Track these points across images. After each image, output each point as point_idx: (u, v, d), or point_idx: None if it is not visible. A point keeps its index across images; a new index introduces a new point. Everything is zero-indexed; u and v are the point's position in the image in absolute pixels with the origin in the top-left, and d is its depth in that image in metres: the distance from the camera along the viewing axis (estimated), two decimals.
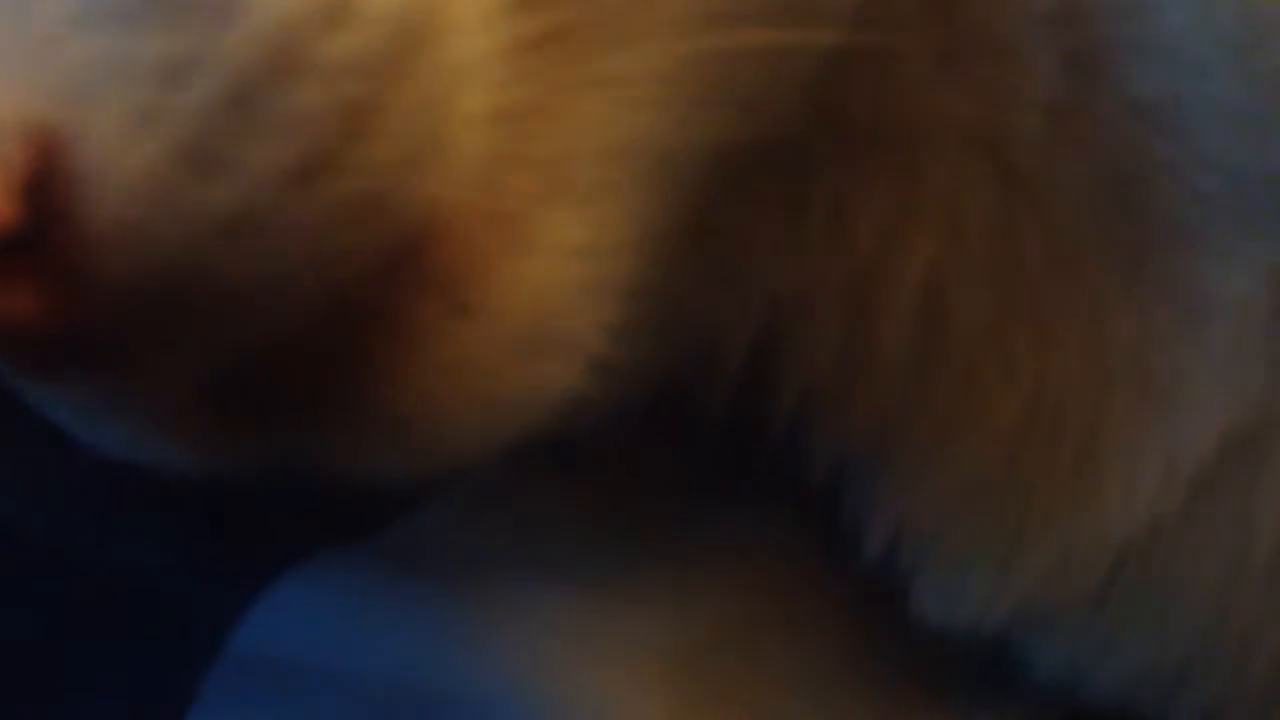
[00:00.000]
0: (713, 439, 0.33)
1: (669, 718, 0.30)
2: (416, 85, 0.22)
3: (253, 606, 0.32)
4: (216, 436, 0.24)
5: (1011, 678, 0.32)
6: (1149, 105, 0.27)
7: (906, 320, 0.30)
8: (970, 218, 0.29)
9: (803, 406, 0.32)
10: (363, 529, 0.33)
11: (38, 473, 0.30)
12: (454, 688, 0.30)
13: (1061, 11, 0.28)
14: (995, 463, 0.29)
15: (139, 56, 0.21)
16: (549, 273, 0.24)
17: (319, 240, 0.21)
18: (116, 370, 0.22)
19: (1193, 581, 0.29)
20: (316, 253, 0.21)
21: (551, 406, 0.24)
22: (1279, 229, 0.27)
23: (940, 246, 0.29)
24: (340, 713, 0.31)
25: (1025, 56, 0.28)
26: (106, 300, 0.21)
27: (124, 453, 0.25)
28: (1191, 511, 0.28)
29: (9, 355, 0.22)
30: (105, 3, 0.21)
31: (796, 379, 0.31)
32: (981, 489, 0.30)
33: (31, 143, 0.21)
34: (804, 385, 0.31)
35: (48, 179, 0.21)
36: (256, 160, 0.21)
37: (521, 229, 0.23)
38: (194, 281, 0.21)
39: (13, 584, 0.32)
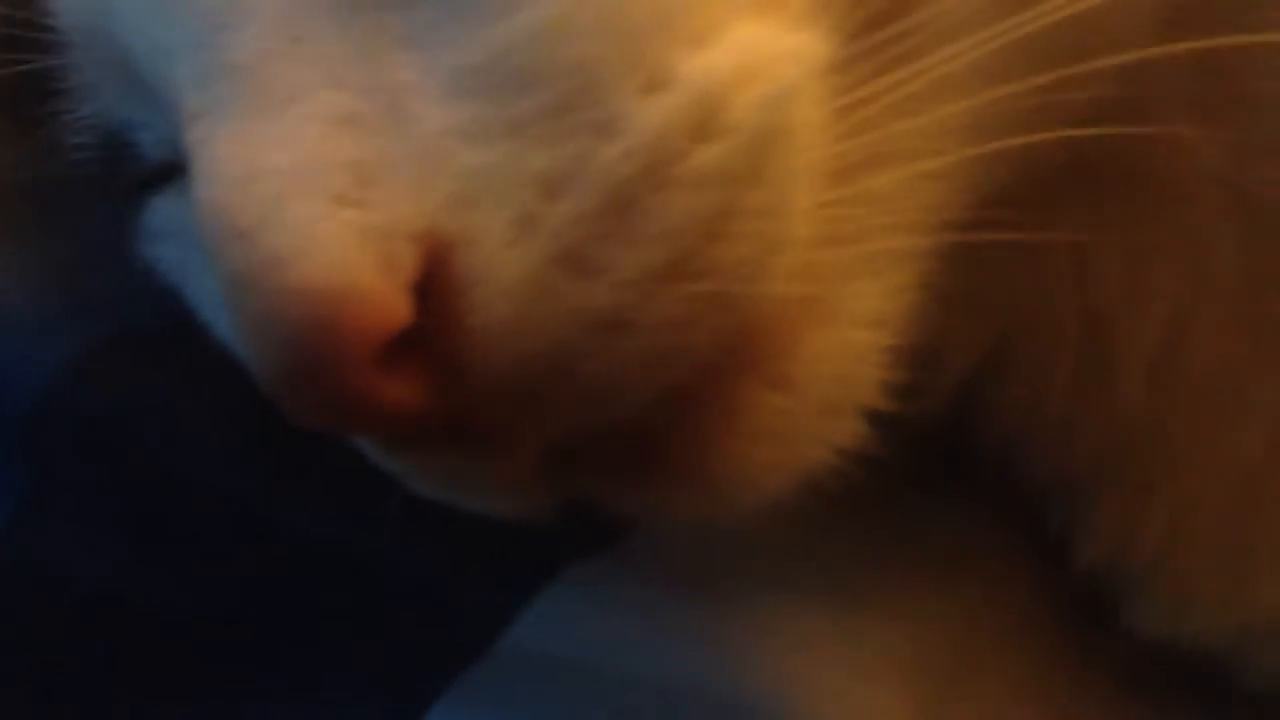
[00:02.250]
0: (933, 453, 0.35)
1: (913, 718, 0.33)
2: (767, 187, 0.23)
3: (509, 610, 0.35)
4: (547, 493, 0.26)
5: (1218, 682, 0.34)
6: None
7: (1145, 357, 0.31)
8: (1216, 264, 0.31)
9: (1025, 427, 0.34)
10: (607, 539, 0.35)
11: (340, 490, 0.32)
12: (713, 691, 0.33)
13: None
14: (1231, 492, 0.31)
15: (522, 168, 0.23)
16: (850, 344, 0.26)
17: (673, 336, 0.23)
18: (479, 446, 0.25)
19: None
20: (669, 346, 0.23)
21: (839, 459, 0.27)
22: None
23: (1185, 289, 0.31)
24: (601, 710, 0.33)
25: (1274, 114, 0.29)
26: (482, 390, 0.23)
27: (453, 502, 0.28)
28: None
29: (386, 434, 0.25)
30: (491, 118, 0.23)
31: (1022, 402, 0.33)
32: (1215, 515, 0.32)
33: (422, 246, 0.23)
34: (1030, 408, 0.33)
35: (436, 279, 0.23)
36: (627, 265, 0.23)
37: (829, 305, 0.25)
38: (561, 373, 0.23)
39: (312, 583, 0.35)
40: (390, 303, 0.23)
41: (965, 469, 0.35)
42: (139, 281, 0.33)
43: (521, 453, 0.25)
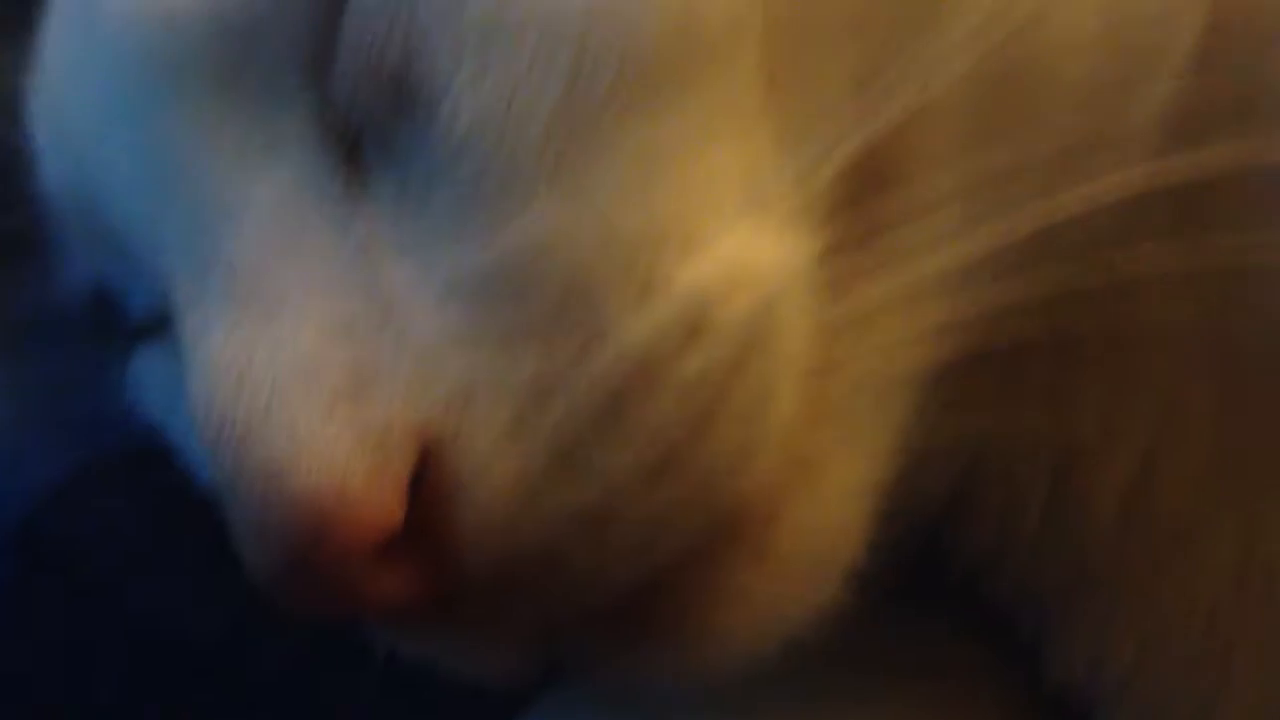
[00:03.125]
0: (908, 571, 0.35)
1: None
2: (750, 385, 0.24)
3: None
4: (531, 661, 0.27)
5: None
6: None
7: (1117, 493, 0.32)
8: (1191, 408, 0.31)
9: (998, 553, 0.34)
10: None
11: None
12: None
13: None
14: (1199, 620, 0.32)
15: (515, 373, 0.23)
16: (834, 516, 0.27)
17: (660, 527, 0.24)
18: (466, 629, 0.25)
19: None
20: (657, 536, 0.24)
21: (819, 616, 0.28)
22: None
23: (1159, 430, 0.32)
24: None
25: (1259, 277, 0.30)
26: (472, 581, 0.24)
27: (443, 670, 0.28)
28: None
29: (379, 619, 0.25)
30: (485, 324, 0.24)
31: (995, 531, 0.34)
32: (1184, 641, 0.32)
33: (416, 446, 0.23)
34: (1003, 536, 0.34)
35: (429, 478, 0.24)
36: (615, 465, 0.23)
37: (812, 480, 0.26)
38: (550, 565, 0.24)
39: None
40: (385, 506, 0.23)
41: (939, 585, 0.36)
42: (110, 410, 0.34)
43: (509, 629, 0.26)
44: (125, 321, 0.30)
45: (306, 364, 0.23)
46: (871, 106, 0.24)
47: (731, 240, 0.24)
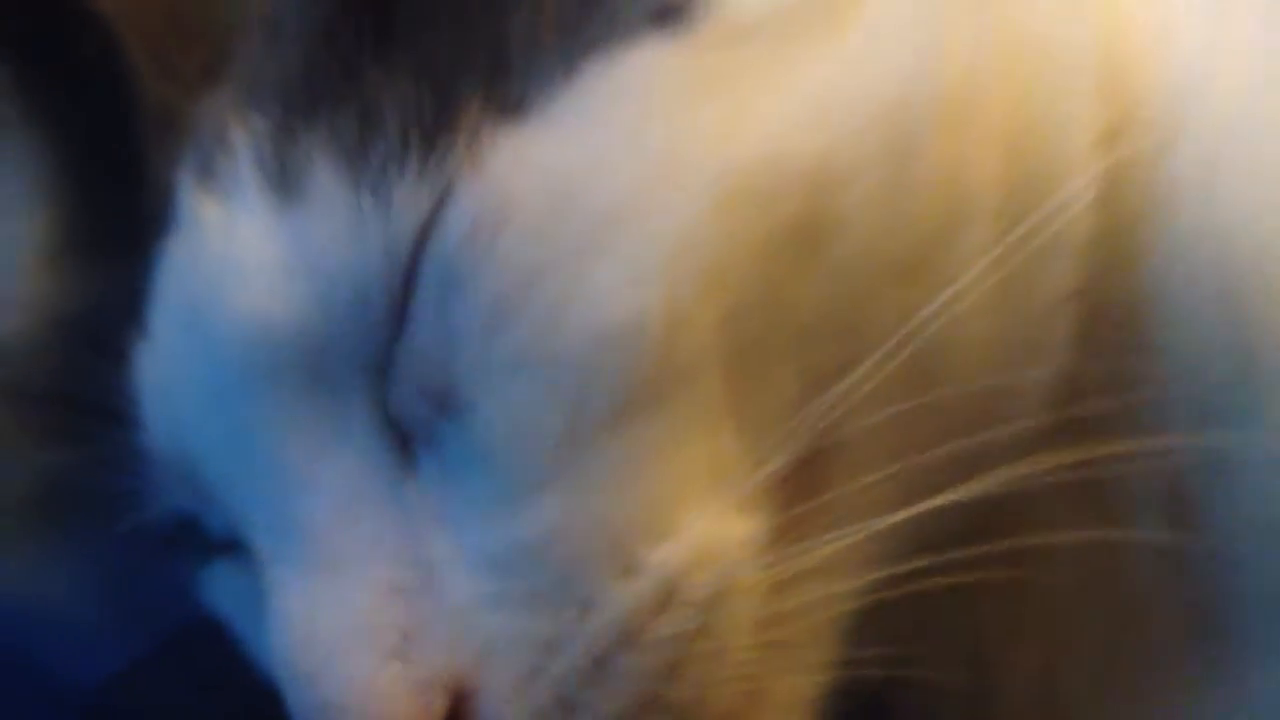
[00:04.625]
0: None
1: None
2: (712, 640, 0.31)
3: None
4: None
5: None
6: (1233, 545, 0.36)
7: (1021, 693, 0.39)
8: (1081, 633, 0.38)
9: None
10: None
11: None
12: None
13: (1165, 469, 0.36)
14: None
15: (530, 633, 0.30)
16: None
17: None
18: None
19: None
20: None
21: None
22: None
23: (1053, 650, 0.38)
24: None
25: (1139, 503, 0.36)
26: None
27: None
28: None
29: None
30: (507, 591, 0.30)
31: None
32: None
33: (451, 693, 0.30)
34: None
35: (460, 716, 0.30)
36: (605, 705, 0.30)
37: (764, 697, 0.32)
38: None
39: None
40: None
41: None
42: (172, 599, 0.40)
43: None
44: (202, 540, 0.37)
45: (363, 622, 0.30)
46: (808, 421, 0.31)
47: (697, 524, 0.31)
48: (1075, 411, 0.34)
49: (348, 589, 0.30)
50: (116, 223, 0.42)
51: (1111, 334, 0.34)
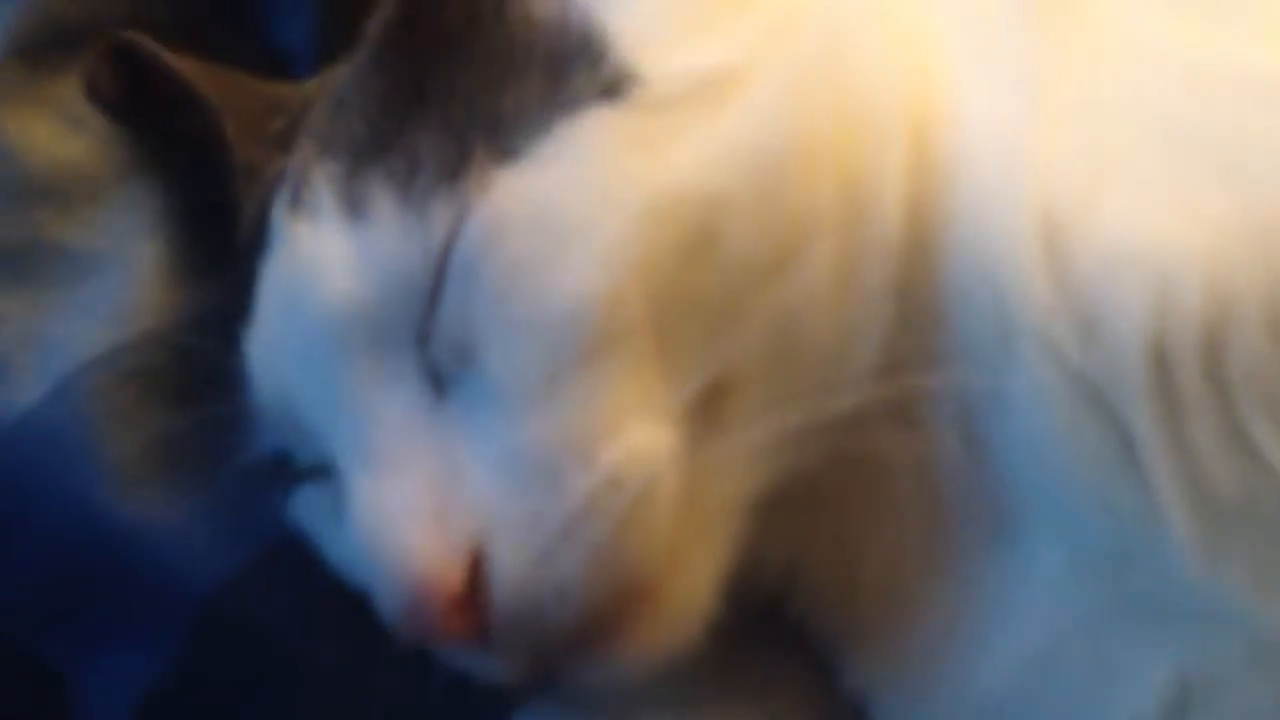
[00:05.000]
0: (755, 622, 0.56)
1: None
2: (644, 516, 0.45)
3: None
4: (525, 671, 0.48)
5: None
6: (1005, 454, 0.50)
7: (875, 568, 0.53)
8: (911, 522, 0.52)
9: (811, 608, 0.55)
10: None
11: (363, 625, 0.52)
12: None
13: (958, 400, 0.51)
14: (910, 640, 0.52)
15: (525, 510, 0.44)
16: (692, 586, 0.48)
17: (594, 592, 0.45)
18: (491, 648, 0.46)
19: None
20: (595, 596, 0.45)
21: (687, 645, 0.48)
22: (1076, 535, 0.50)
23: (892, 539, 0.52)
24: None
25: (944, 424, 0.50)
26: (495, 625, 0.45)
27: (468, 671, 0.49)
28: (1025, 683, 0.51)
29: (444, 643, 0.46)
30: (510, 482, 0.44)
31: (809, 592, 0.55)
32: (899, 653, 0.53)
33: (472, 550, 0.45)
34: (812, 596, 0.55)
35: (478, 567, 0.45)
36: (572, 562, 0.44)
37: (680, 565, 0.47)
38: (533, 619, 0.45)
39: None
40: (455, 583, 0.45)
41: (775, 629, 0.56)
42: (267, 521, 0.54)
43: (513, 651, 0.47)
44: (292, 472, 0.51)
45: (411, 506, 0.45)
46: (709, 365, 0.46)
47: (633, 434, 0.45)
48: (897, 358, 0.49)
49: (401, 484, 0.45)
50: (218, 248, 0.57)
51: (919, 308, 0.49)
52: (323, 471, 0.50)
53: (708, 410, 0.47)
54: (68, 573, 0.57)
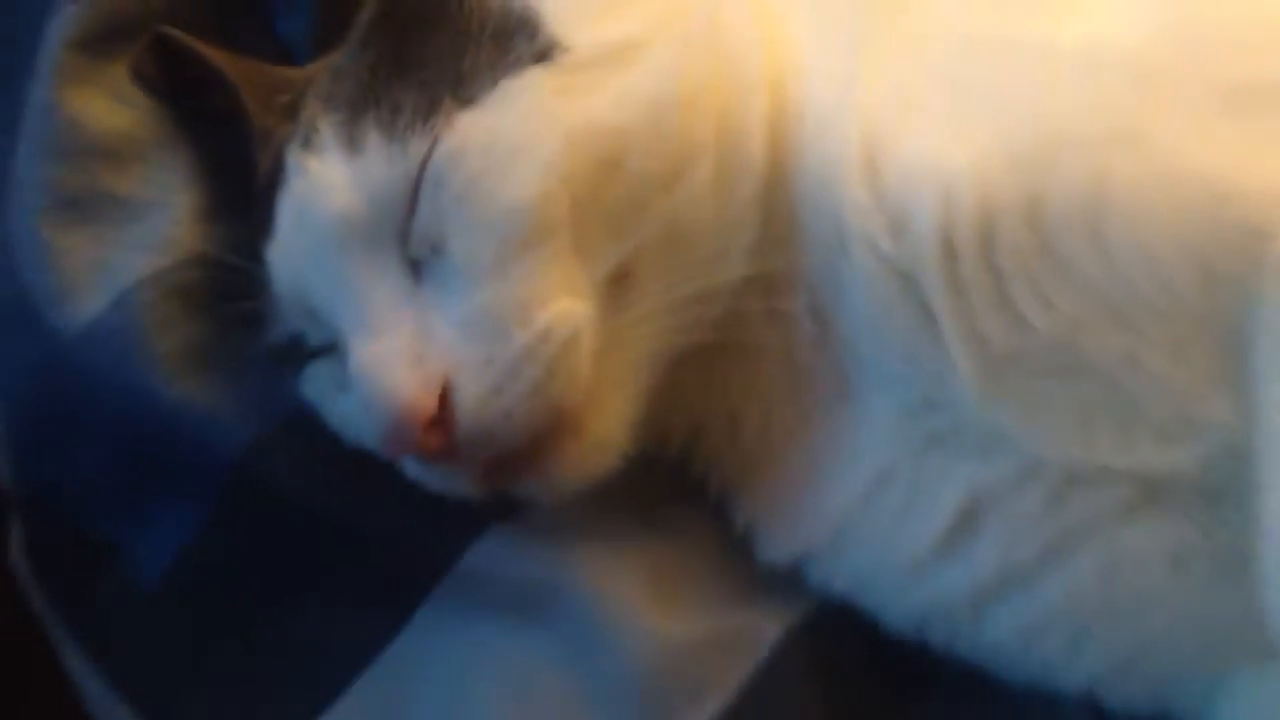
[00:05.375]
0: (666, 471, 0.71)
1: (644, 587, 0.66)
2: (569, 362, 0.60)
3: (460, 545, 0.67)
4: (484, 485, 0.63)
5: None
6: (846, 324, 0.65)
7: (754, 427, 0.68)
8: (779, 388, 0.67)
9: (709, 457, 0.70)
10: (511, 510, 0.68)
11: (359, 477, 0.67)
12: (563, 581, 0.67)
13: (809, 283, 0.66)
14: (780, 481, 0.67)
15: (481, 355, 0.60)
16: (610, 422, 0.63)
17: (530, 419, 0.60)
18: (457, 463, 0.61)
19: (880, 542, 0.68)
20: (529, 425, 0.60)
21: (608, 471, 0.64)
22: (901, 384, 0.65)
23: (765, 403, 0.68)
24: (511, 608, 0.68)
25: (801, 301, 0.66)
26: (460, 441, 0.60)
27: (437, 487, 0.63)
28: (864, 504, 0.66)
29: (420, 456, 0.61)
30: (470, 337, 0.60)
31: (708, 444, 0.70)
32: (773, 492, 0.68)
33: (441, 384, 0.60)
34: (711, 447, 0.70)
35: (445, 402, 0.60)
36: (515, 394, 0.60)
37: (598, 403, 0.62)
38: (487, 437, 0.60)
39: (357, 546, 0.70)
40: (428, 409, 0.60)
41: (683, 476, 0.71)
42: (283, 394, 0.69)
43: (473, 464, 0.61)
44: (303, 352, 0.66)
45: (396, 355, 0.60)
46: (617, 253, 0.61)
47: (562, 301, 0.61)
48: (762, 251, 0.64)
49: (388, 342, 0.61)
50: (240, 196, 0.72)
51: (778, 213, 0.64)
52: (327, 350, 0.66)
53: (617, 288, 0.62)
54: (124, 452, 0.71)
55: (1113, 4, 0.62)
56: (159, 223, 0.73)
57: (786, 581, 0.68)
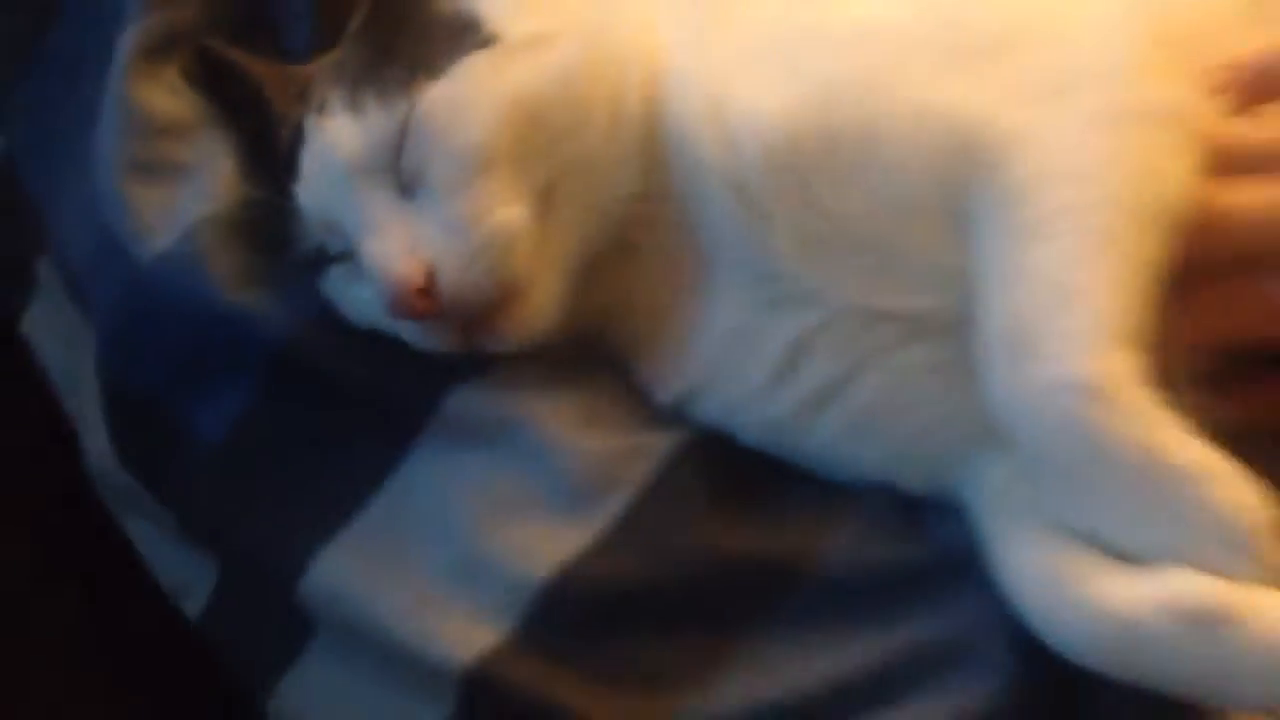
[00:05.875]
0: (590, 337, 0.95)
1: (576, 417, 0.85)
2: (513, 254, 0.88)
3: (446, 397, 0.86)
4: (459, 340, 0.90)
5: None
6: (708, 226, 0.92)
7: (644, 304, 0.94)
8: (661, 275, 0.94)
9: (616, 328, 0.96)
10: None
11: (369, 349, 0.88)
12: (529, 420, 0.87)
13: (679, 196, 0.93)
14: (666, 344, 0.93)
15: (455, 248, 0.87)
16: (546, 296, 0.90)
17: (487, 291, 0.88)
18: (441, 321, 0.89)
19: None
20: (487, 294, 0.88)
21: (546, 331, 0.91)
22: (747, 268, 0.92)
23: (654, 287, 0.94)
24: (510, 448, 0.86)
25: (673, 207, 0.92)
26: (443, 305, 0.88)
27: (420, 343, 0.91)
28: (724, 354, 0.93)
29: (409, 318, 0.89)
30: (447, 236, 0.89)
31: (616, 321, 0.96)
32: (662, 353, 0.94)
33: (428, 267, 0.88)
34: (617, 323, 0.95)
35: (431, 278, 0.88)
36: (478, 271, 0.88)
37: (537, 280, 0.90)
38: (463, 302, 0.88)
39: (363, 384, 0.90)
40: (420, 283, 0.87)
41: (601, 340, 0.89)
42: (316, 295, 0.89)
43: (451, 323, 0.89)
44: (326, 259, 0.93)
45: (396, 247, 0.87)
46: (545, 179, 0.89)
47: (505, 211, 0.88)
48: (647, 179, 0.91)
49: (388, 240, 0.86)
50: (268, 163, 0.99)
51: (654, 153, 0.87)
52: (343, 257, 0.92)
53: (545, 201, 0.84)
54: (189, 347, 0.95)
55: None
56: (208, 180, 0.93)
57: (676, 414, 0.89)
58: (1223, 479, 0.67)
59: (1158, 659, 0.68)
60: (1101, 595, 0.69)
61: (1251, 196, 0.75)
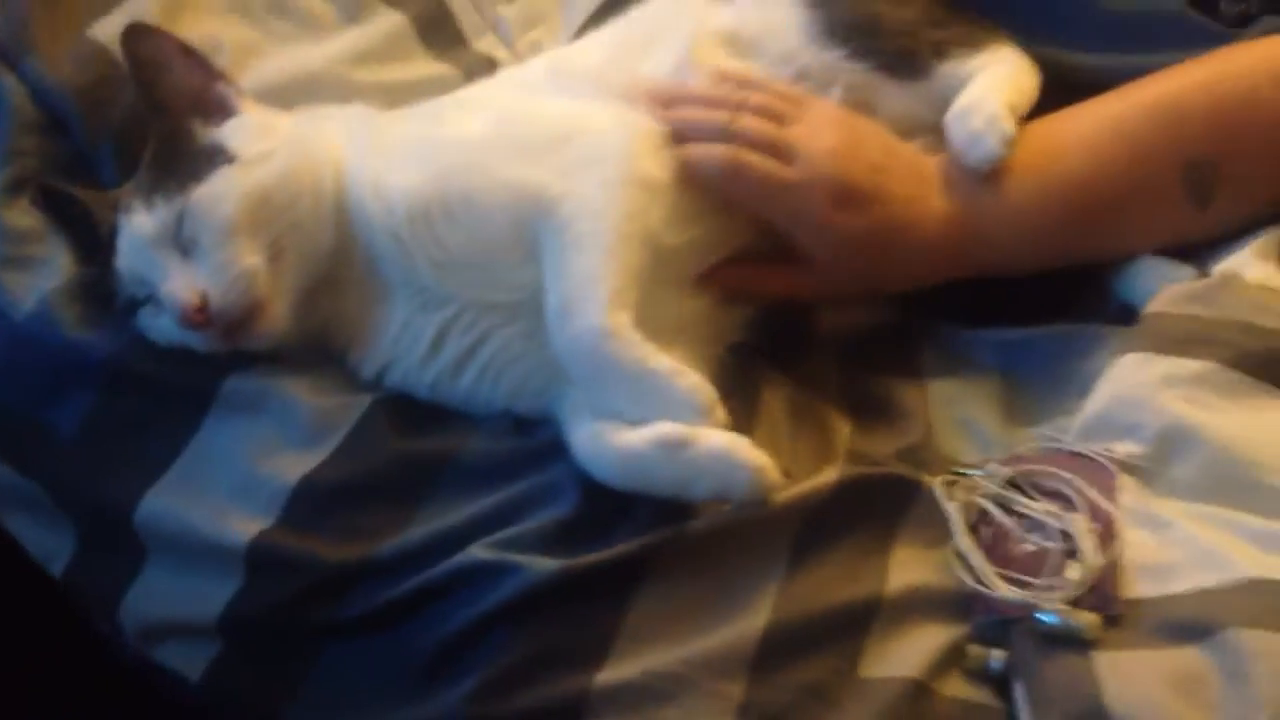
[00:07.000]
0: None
1: (307, 385, 1.32)
2: (254, 286, 1.38)
3: (224, 381, 1.31)
4: (226, 342, 1.37)
5: None
6: (379, 264, 1.44)
7: (350, 316, 1.44)
8: (356, 296, 1.44)
9: (334, 333, 1.43)
10: None
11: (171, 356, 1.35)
12: None
13: (365, 257, 1.47)
14: (365, 340, 1.45)
15: (217, 284, 1.38)
16: (279, 311, 1.37)
17: (239, 309, 1.38)
18: (212, 330, 1.34)
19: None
20: (239, 311, 1.39)
21: (282, 336, 1.42)
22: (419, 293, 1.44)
23: (353, 301, 1.48)
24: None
25: (359, 262, 1.47)
26: (212, 321, 1.33)
27: (201, 347, 1.30)
28: (396, 342, 1.46)
29: (193, 329, 1.36)
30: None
31: (334, 328, 1.48)
32: (361, 343, 1.46)
33: (202, 298, 1.37)
34: (334, 330, 1.47)
35: (205, 303, 1.36)
36: (235, 297, 1.37)
37: (274, 300, 1.40)
38: (224, 318, 1.37)
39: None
40: (199, 305, 1.35)
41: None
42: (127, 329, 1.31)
43: (220, 331, 1.39)
44: (137, 302, 1.44)
45: (182, 288, 1.32)
46: (271, 236, 1.39)
47: (246, 261, 1.34)
48: (340, 248, 1.38)
49: (178, 281, 1.34)
50: (94, 250, 1.49)
51: (344, 227, 1.34)
52: (148, 299, 1.23)
53: (275, 250, 1.22)
54: (50, 370, 1.30)
55: (469, 117, 1.46)
56: (54, 267, 1.32)
57: (373, 384, 1.27)
58: (686, 375, 1.14)
59: (650, 474, 1.13)
60: (619, 441, 1.14)
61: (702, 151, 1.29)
